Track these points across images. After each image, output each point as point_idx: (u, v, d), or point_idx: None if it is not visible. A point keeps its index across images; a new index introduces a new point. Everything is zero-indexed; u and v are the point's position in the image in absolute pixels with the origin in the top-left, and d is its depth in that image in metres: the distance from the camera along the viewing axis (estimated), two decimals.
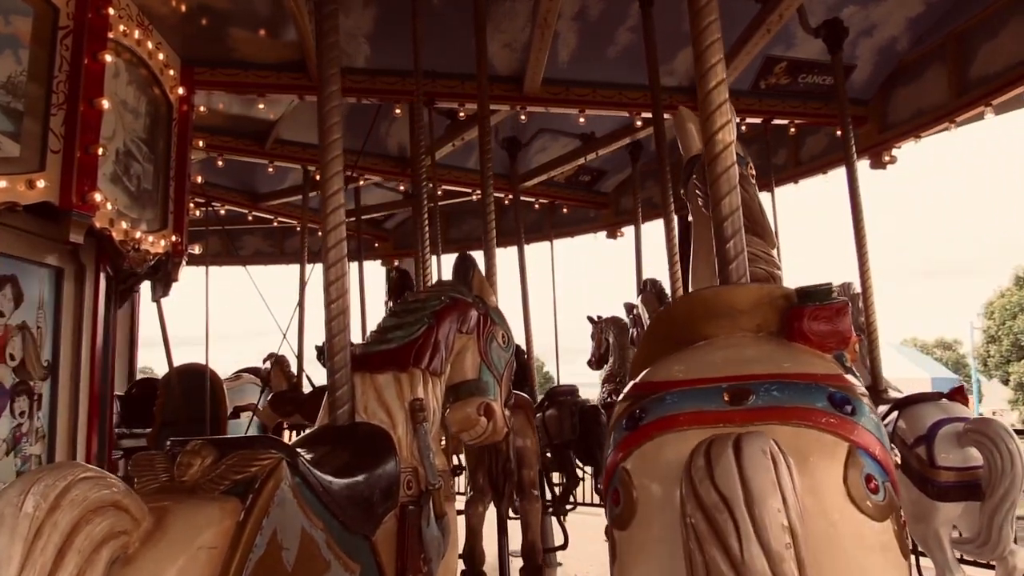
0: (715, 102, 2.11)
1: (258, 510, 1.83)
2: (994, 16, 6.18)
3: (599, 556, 7.14)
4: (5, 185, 4.14)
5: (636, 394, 1.78)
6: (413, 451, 2.75)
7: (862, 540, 1.48)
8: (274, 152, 8.75)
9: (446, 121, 8.20)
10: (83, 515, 1.51)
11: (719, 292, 1.99)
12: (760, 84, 7.39)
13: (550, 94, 7.16)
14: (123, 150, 5.39)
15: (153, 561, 1.64)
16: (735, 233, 2.07)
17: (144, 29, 5.63)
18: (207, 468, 1.90)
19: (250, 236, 12.72)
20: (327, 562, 2.09)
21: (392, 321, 2.98)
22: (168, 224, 6.11)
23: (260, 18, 6.20)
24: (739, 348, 1.79)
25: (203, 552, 1.70)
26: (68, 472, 1.53)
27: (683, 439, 1.49)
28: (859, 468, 1.50)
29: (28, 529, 1.42)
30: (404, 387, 2.81)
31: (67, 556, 1.46)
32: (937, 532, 4.21)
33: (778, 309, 1.82)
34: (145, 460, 1.98)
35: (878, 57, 7.08)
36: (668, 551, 1.50)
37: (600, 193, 10.78)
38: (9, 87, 4.25)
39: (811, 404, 1.56)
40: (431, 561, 2.64)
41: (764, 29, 6.13)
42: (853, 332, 1.85)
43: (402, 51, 6.09)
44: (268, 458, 1.93)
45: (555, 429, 6.87)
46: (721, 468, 1.33)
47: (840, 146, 7.83)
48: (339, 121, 2.97)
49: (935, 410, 4.35)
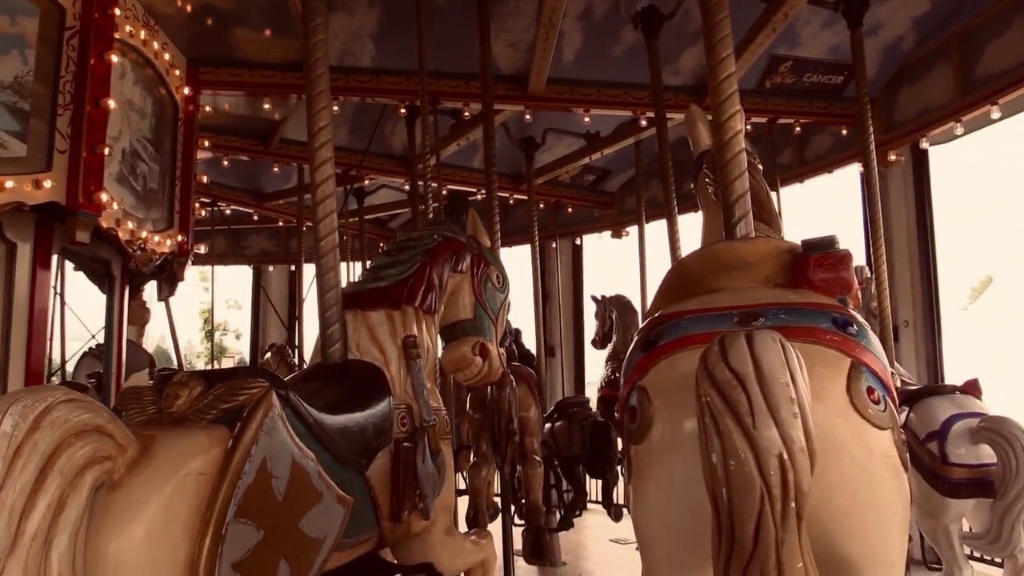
0: (725, 92, 2.21)
1: (247, 437, 1.79)
2: (1000, 15, 6.16)
3: (604, 555, 7.15)
4: (12, 185, 4.16)
5: (651, 324, 1.85)
6: (407, 388, 2.71)
7: (865, 443, 1.55)
8: (279, 152, 8.77)
9: (450, 121, 8.20)
10: (65, 438, 1.46)
11: (730, 246, 2.08)
12: (765, 83, 7.38)
13: (555, 94, 7.16)
14: (129, 150, 5.41)
15: (139, 487, 1.61)
16: (744, 215, 2.17)
17: (150, 29, 5.65)
18: (195, 399, 1.87)
19: (255, 235, 12.76)
20: (319, 493, 2.05)
21: (384, 260, 2.94)
22: (174, 224, 6.13)
23: (265, 18, 6.21)
24: (749, 291, 1.88)
25: (191, 478, 1.67)
26: (48, 394, 1.48)
27: (697, 355, 1.53)
28: (861, 380, 1.57)
29: (7, 448, 1.38)
30: (397, 324, 2.77)
31: (48, 478, 1.42)
32: (947, 528, 4.19)
33: (784, 262, 1.92)
34: (132, 393, 1.95)
35: (883, 56, 7.06)
36: (684, 457, 1.57)
37: (605, 192, 10.78)
38: (16, 87, 4.27)
39: (816, 324, 1.65)
40: (427, 498, 2.62)
41: (769, 28, 6.12)
42: (856, 280, 1.89)
43: (406, 51, 6.10)
44: (257, 387, 1.90)
45: (564, 442, 6.87)
46: (734, 351, 1.40)
47: (846, 145, 7.86)
48: (328, 125, 2.94)
49: (949, 404, 4.28)
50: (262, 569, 1.80)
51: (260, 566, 1.79)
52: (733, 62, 2.24)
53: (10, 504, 1.36)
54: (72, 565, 1.45)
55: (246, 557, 1.75)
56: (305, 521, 1.98)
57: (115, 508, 1.56)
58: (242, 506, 1.74)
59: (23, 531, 1.37)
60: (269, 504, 1.84)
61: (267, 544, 1.81)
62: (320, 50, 2.93)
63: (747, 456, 1.31)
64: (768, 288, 1.89)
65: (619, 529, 8.39)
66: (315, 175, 2.89)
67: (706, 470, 1.38)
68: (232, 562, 1.70)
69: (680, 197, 5.89)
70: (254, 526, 1.78)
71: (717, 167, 2.26)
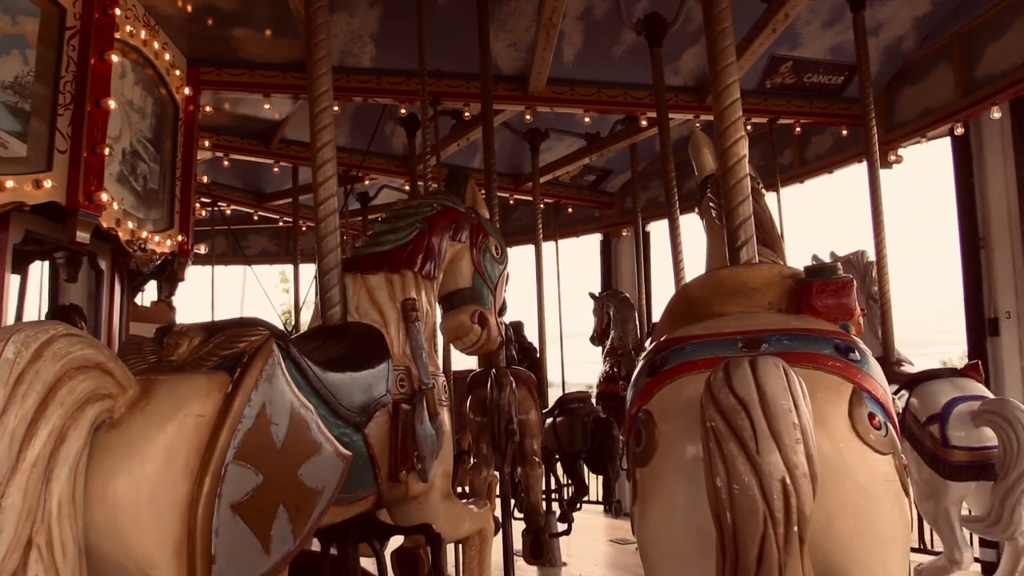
0: (730, 118, 2.24)
1: (247, 382, 1.80)
2: (1001, 15, 6.15)
3: (603, 555, 7.15)
4: (12, 185, 4.16)
5: (656, 348, 1.88)
6: (406, 351, 2.73)
7: (867, 468, 1.58)
8: (279, 152, 8.77)
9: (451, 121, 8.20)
10: (66, 370, 1.47)
11: (734, 271, 2.11)
12: (766, 83, 7.38)
13: (555, 94, 7.15)
14: (129, 150, 5.42)
15: (139, 425, 1.62)
16: (747, 240, 2.21)
17: (150, 29, 5.65)
18: (195, 348, 1.88)
19: (256, 236, 12.76)
20: (318, 444, 2.05)
21: (384, 227, 2.95)
22: (174, 224, 6.13)
23: (266, 18, 6.22)
24: (752, 316, 1.92)
25: (191, 419, 1.68)
26: (49, 327, 1.49)
27: (702, 379, 1.55)
28: (863, 406, 1.60)
29: (9, 374, 1.39)
30: (396, 288, 2.78)
31: (49, 408, 1.43)
32: (947, 510, 4.19)
33: (788, 288, 1.96)
34: (133, 344, 1.95)
35: (884, 56, 7.06)
36: (688, 480, 1.60)
37: (605, 193, 10.78)
38: (16, 87, 4.26)
39: (819, 350, 1.69)
40: (425, 459, 2.64)
41: (770, 29, 6.12)
42: (858, 306, 1.92)
43: (407, 51, 6.10)
44: (257, 335, 1.91)
45: (566, 437, 6.88)
46: (738, 377, 1.43)
47: (846, 145, 7.86)
48: (330, 124, 2.95)
49: (949, 387, 4.27)
50: (261, 513, 1.81)
51: (259, 510, 1.80)
52: (738, 88, 2.27)
53: (11, 429, 1.38)
54: (72, 497, 1.46)
55: (245, 500, 1.75)
56: (304, 470, 1.98)
57: (115, 445, 1.59)
58: (241, 449, 1.74)
59: (24, 457, 1.38)
60: (268, 450, 1.84)
61: (266, 489, 1.82)
62: (322, 50, 2.94)
63: (751, 480, 1.35)
64: (772, 313, 1.93)
65: (619, 530, 8.39)
66: (316, 175, 2.89)
67: (710, 494, 1.41)
68: (231, 503, 1.71)
69: (681, 196, 5.88)
70: (253, 470, 1.78)
71: (721, 192, 2.30)
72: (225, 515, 1.69)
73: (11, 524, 1.35)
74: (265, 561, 1.82)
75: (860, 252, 5.38)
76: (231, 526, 1.71)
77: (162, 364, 1.87)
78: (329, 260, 2.78)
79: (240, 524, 1.74)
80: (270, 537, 1.83)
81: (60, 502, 1.43)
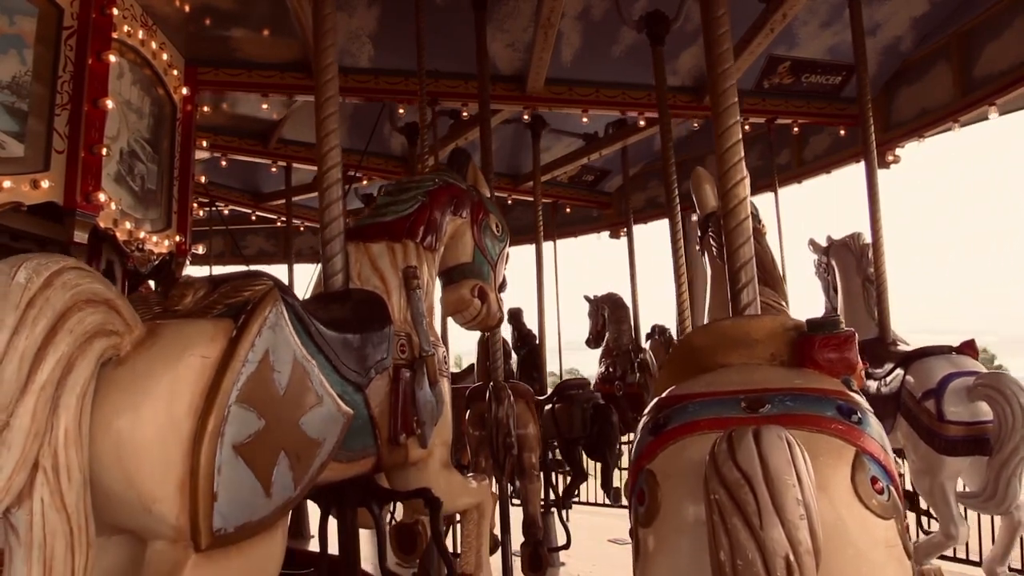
0: (731, 160, 2.24)
1: (251, 328, 1.84)
2: (999, 15, 6.16)
3: (602, 556, 7.14)
4: (10, 185, 4.15)
5: (659, 405, 1.89)
6: (407, 317, 2.77)
7: (868, 534, 1.58)
8: (277, 152, 8.76)
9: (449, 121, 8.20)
10: (76, 301, 1.49)
11: (736, 323, 2.14)
12: (764, 84, 7.38)
13: (553, 94, 7.16)
14: (127, 150, 5.41)
15: (146, 363, 1.66)
16: (748, 282, 2.23)
17: (148, 29, 5.64)
18: (200, 299, 1.91)
19: (254, 236, 12.74)
20: (319, 396, 2.09)
21: (386, 199, 3.00)
22: (172, 224, 6.13)
23: (263, 18, 6.21)
24: (755, 371, 1.93)
25: (195, 359, 1.72)
26: (60, 258, 1.51)
27: (705, 441, 1.58)
28: (865, 470, 1.60)
29: (20, 297, 1.40)
30: (398, 256, 2.83)
31: (59, 335, 1.45)
32: (942, 485, 4.22)
33: (790, 339, 1.97)
34: (138, 297, 1.98)
35: (882, 57, 7.06)
36: (691, 543, 1.61)
37: (603, 193, 10.78)
38: (14, 87, 4.26)
39: (821, 412, 1.68)
40: (424, 424, 2.67)
41: (768, 29, 6.12)
42: (860, 360, 1.94)
43: (405, 51, 6.10)
44: (262, 284, 1.95)
45: (565, 424, 6.91)
46: (742, 450, 1.44)
47: (844, 145, 7.86)
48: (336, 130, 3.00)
49: (945, 364, 4.32)
50: (263, 457, 1.83)
51: (261, 454, 1.83)
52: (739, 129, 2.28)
53: (22, 350, 1.40)
54: (79, 426, 1.49)
55: (247, 442, 1.78)
56: (305, 420, 2.01)
57: (121, 382, 1.62)
58: (244, 392, 1.77)
59: (33, 380, 1.41)
60: (271, 396, 1.88)
61: (268, 434, 1.84)
62: (329, 56, 3.00)
63: (754, 556, 1.37)
64: (774, 367, 1.95)
65: (618, 530, 8.38)
66: (323, 179, 2.94)
67: (714, 566, 1.43)
68: (234, 443, 1.74)
69: (681, 196, 5.87)
70: (255, 414, 1.81)
71: (723, 233, 2.32)
72: (228, 454, 1.72)
73: (19, 443, 1.37)
74: (267, 504, 1.85)
75: (856, 234, 5.40)
76: (233, 465, 1.73)
77: (167, 313, 1.89)
78: (332, 228, 2.82)
79: (242, 465, 1.76)
80: (271, 482, 1.86)
81: (67, 429, 1.46)
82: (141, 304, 1.92)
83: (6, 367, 1.37)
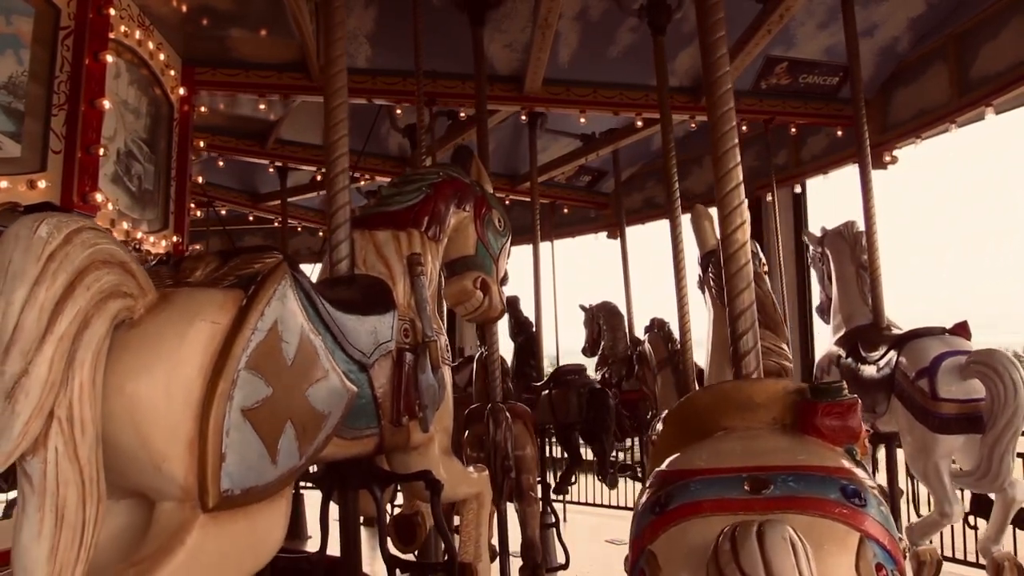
0: (731, 204, 2.21)
1: (261, 297, 1.89)
2: (995, 16, 6.17)
3: (599, 556, 7.14)
4: (6, 185, 4.14)
5: (661, 481, 1.90)
6: (411, 303, 2.81)
7: None
8: (275, 152, 8.76)
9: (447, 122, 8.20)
10: (93, 260, 1.53)
11: (738, 386, 2.13)
12: (761, 84, 7.39)
13: (551, 94, 7.16)
14: (124, 150, 5.40)
15: (157, 326, 1.70)
16: (748, 329, 2.20)
17: (145, 29, 5.63)
18: (210, 271, 1.95)
19: (251, 236, 12.73)
20: (325, 370, 2.14)
21: (391, 191, 3.07)
22: (169, 224, 6.12)
23: (261, 18, 6.20)
24: (757, 440, 1.92)
25: (206, 324, 1.76)
26: (79, 218, 1.55)
27: (707, 524, 1.60)
28: (869, 557, 1.60)
29: (42, 250, 1.44)
30: (403, 243, 2.88)
31: (76, 291, 1.48)
32: (937, 464, 4.24)
33: (792, 403, 1.96)
34: (150, 269, 2.00)
35: (879, 57, 7.08)
36: None
37: (601, 193, 10.79)
38: (10, 87, 4.25)
39: (825, 495, 1.68)
40: (427, 408, 2.72)
41: (765, 30, 6.13)
42: (864, 427, 1.94)
43: (403, 52, 6.10)
44: (271, 257, 2.00)
45: (561, 409, 6.92)
46: (746, 552, 1.45)
47: (842, 146, 7.87)
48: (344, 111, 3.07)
49: (938, 343, 4.34)
50: (270, 424, 1.87)
51: (268, 420, 1.87)
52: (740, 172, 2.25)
53: (41, 301, 1.43)
54: (93, 382, 1.52)
55: (255, 408, 1.82)
56: (312, 392, 2.05)
57: (133, 343, 1.67)
58: (253, 358, 1.81)
59: (52, 331, 1.43)
60: (279, 364, 1.92)
61: (275, 402, 1.89)
62: (339, 65, 3.06)
63: None
64: (776, 435, 1.95)
65: (617, 530, 8.39)
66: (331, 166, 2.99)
67: None
68: (241, 408, 1.78)
69: None
70: (264, 380, 1.85)
71: (723, 278, 2.30)
72: (236, 417, 1.76)
73: (36, 391, 1.41)
74: (272, 471, 1.89)
75: (850, 222, 5.42)
76: (241, 429, 1.78)
77: (179, 284, 1.93)
78: (339, 216, 2.86)
79: (250, 429, 1.80)
80: (277, 450, 1.90)
81: (82, 383, 1.49)
82: (153, 277, 1.95)
83: (27, 315, 1.41)
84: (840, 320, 5.27)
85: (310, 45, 6.19)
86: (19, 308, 1.40)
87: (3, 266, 1.42)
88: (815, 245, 5.71)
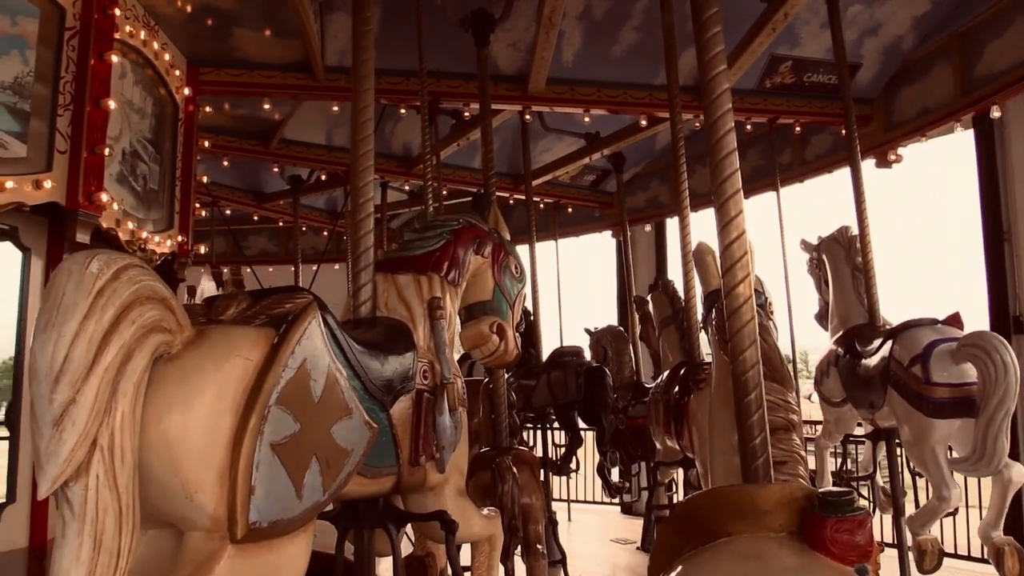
0: (735, 256, 2.16)
1: (292, 336, 1.97)
2: (1000, 14, 6.16)
3: (602, 556, 7.15)
4: (12, 185, 4.16)
5: None
6: (430, 346, 2.90)
7: None
8: (279, 152, 8.77)
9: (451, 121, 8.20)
10: (137, 296, 1.61)
11: (742, 491, 2.05)
12: (765, 83, 7.38)
13: (555, 94, 7.16)
14: (129, 150, 5.42)
15: (195, 360, 1.77)
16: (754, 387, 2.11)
17: (150, 29, 5.65)
18: (243, 310, 2.02)
19: (256, 236, 12.76)
20: (349, 408, 2.22)
21: (413, 235, 3.15)
22: (174, 224, 6.14)
23: (265, 18, 6.21)
24: (765, 559, 1.83)
25: (240, 360, 1.83)
26: (126, 256, 1.64)
27: None
28: None
29: (93, 285, 1.52)
30: (423, 287, 2.97)
31: (122, 325, 1.56)
32: (933, 450, 4.28)
33: (800, 509, 1.88)
34: (185, 306, 2.05)
35: (883, 56, 7.06)
36: None
37: (605, 192, 10.79)
38: (16, 88, 4.26)
39: None
40: (443, 449, 2.80)
41: (769, 28, 6.12)
42: (875, 544, 1.85)
43: (406, 51, 6.10)
44: (302, 298, 2.08)
45: (560, 390, 6.92)
46: None
47: (845, 145, 7.83)
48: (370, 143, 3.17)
49: (931, 332, 4.42)
50: (297, 459, 1.94)
51: (295, 455, 1.93)
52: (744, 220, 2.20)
53: (91, 333, 1.50)
54: (133, 412, 1.59)
55: (283, 443, 1.89)
56: (336, 429, 2.13)
57: (171, 376, 1.73)
58: (283, 395, 1.89)
59: (99, 362, 1.51)
60: (307, 401, 1.99)
61: (303, 437, 1.95)
62: (366, 68, 3.13)
63: None
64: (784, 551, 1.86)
65: (619, 529, 8.40)
66: (356, 211, 3.10)
67: None
68: (271, 442, 1.84)
69: None
70: (292, 416, 1.92)
71: (727, 333, 2.21)
72: (266, 452, 1.82)
73: (82, 419, 1.47)
74: (297, 505, 1.95)
75: (844, 227, 5.52)
76: (271, 463, 1.84)
77: (212, 322, 1.99)
78: (362, 259, 2.97)
79: (278, 464, 1.87)
80: (303, 484, 1.96)
81: (123, 413, 1.56)
82: (188, 313, 2.01)
83: (77, 347, 1.47)
84: (838, 322, 5.38)
85: (314, 45, 6.20)
86: (69, 340, 1.47)
87: (56, 299, 1.49)
88: (811, 252, 5.81)
